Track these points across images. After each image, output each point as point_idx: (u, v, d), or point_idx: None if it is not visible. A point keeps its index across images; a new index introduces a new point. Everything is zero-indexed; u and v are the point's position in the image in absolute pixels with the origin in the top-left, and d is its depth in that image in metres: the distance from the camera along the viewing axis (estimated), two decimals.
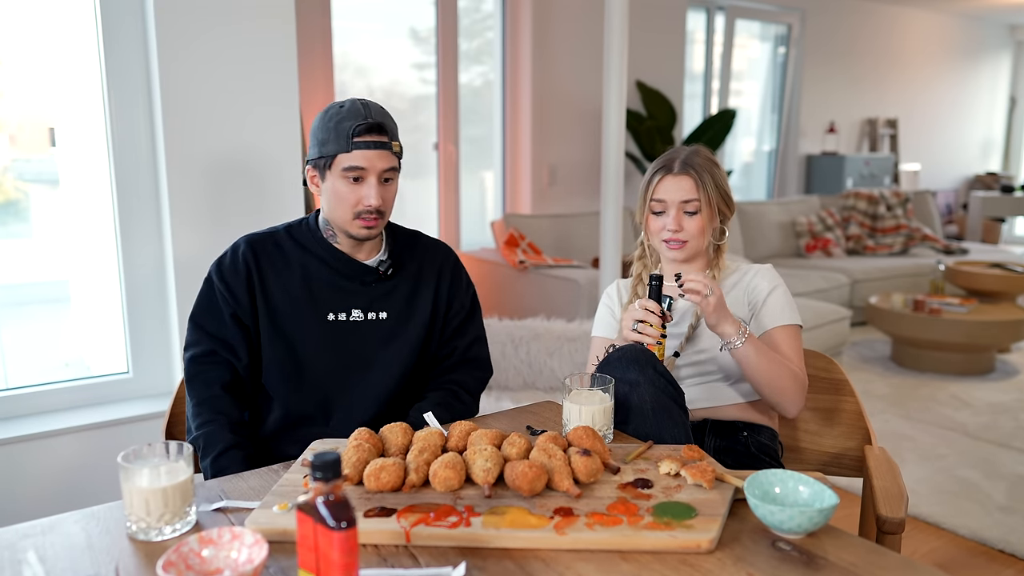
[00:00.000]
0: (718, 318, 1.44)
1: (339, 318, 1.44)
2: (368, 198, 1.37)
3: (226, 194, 2.23)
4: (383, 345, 1.46)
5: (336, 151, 1.36)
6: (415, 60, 4.25)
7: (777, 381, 1.47)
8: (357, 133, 1.34)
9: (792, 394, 1.49)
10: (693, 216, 1.55)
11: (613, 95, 3.01)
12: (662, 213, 1.56)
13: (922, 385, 3.82)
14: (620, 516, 0.98)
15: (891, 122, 6.87)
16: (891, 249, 5.56)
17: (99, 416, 2.19)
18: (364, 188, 1.37)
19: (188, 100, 2.15)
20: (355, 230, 1.40)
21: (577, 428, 1.17)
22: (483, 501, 1.03)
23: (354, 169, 1.36)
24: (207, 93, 2.17)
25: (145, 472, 0.98)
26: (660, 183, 1.56)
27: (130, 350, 2.29)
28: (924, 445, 3.05)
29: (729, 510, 1.02)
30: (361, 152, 1.35)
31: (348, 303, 1.44)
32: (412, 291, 1.50)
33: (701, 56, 5.63)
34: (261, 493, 1.11)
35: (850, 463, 1.63)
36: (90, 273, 2.43)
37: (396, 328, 1.47)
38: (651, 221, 1.58)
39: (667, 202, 1.55)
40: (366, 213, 1.38)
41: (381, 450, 1.15)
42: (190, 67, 2.14)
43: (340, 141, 1.35)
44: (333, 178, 1.38)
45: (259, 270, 1.44)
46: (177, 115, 2.14)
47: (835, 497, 0.98)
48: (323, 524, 0.75)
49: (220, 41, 2.16)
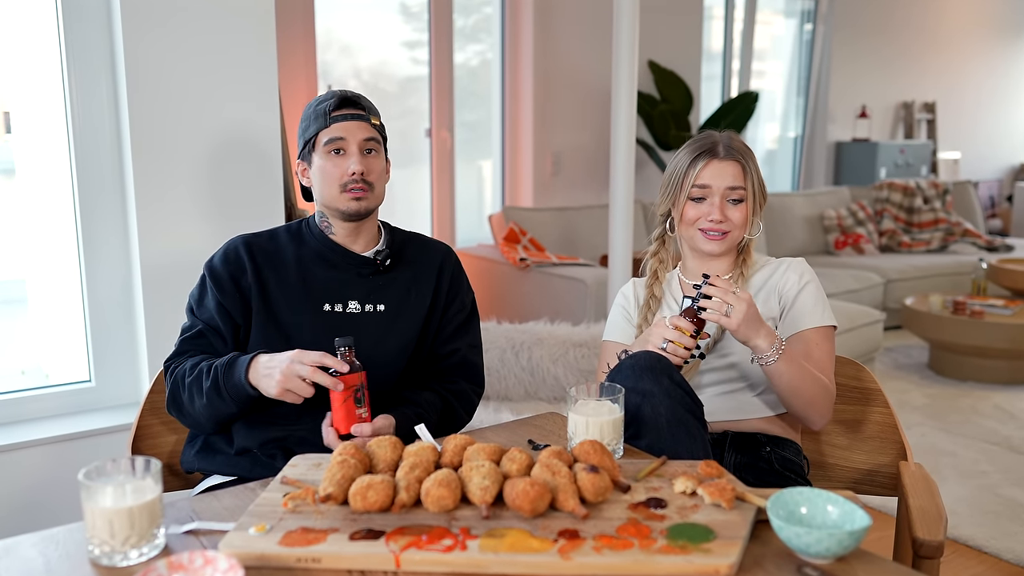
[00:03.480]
0: (747, 331, 1.41)
1: (335, 309, 1.53)
2: (350, 166, 1.48)
3: (198, 185, 2.23)
4: (380, 338, 1.53)
5: (317, 129, 1.51)
6: (406, 38, 4.25)
7: (808, 394, 1.47)
8: (333, 108, 1.51)
9: (821, 407, 1.49)
10: (738, 205, 1.56)
11: (623, 76, 3.01)
12: (702, 200, 1.57)
13: (963, 395, 3.82)
14: (631, 539, 0.98)
15: (928, 106, 6.88)
16: (928, 245, 5.56)
17: (58, 429, 2.19)
18: (346, 159, 1.50)
19: (156, 83, 2.15)
20: (345, 204, 1.50)
21: (584, 442, 1.17)
22: (480, 523, 1.03)
23: (334, 141, 1.49)
24: (177, 75, 2.17)
25: (109, 490, 0.98)
26: (705, 168, 1.56)
27: (93, 357, 2.29)
28: (965, 461, 3.05)
29: (751, 532, 1.02)
30: (339, 124, 1.50)
31: (345, 294, 1.53)
32: (411, 284, 1.58)
33: (720, 33, 5.63)
34: (236, 514, 1.11)
35: (883, 480, 1.63)
36: (49, 272, 2.43)
37: (394, 321, 1.54)
38: (688, 209, 1.58)
39: (711, 188, 1.56)
40: (352, 183, 1.49)
41: (368, 466, 1.15)
42: (159, 47, 2.14)
43: (319, 120, 1.51)
44: (318, 159, 1.51)
45: (253, 262, 1.54)
46: (144, 100, 2.14)
47: (867, 518, 0.98)
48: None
49: (192, 17, 2.16)
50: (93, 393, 2.31)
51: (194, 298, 1.56)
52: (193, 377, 1.46)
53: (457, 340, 1.62)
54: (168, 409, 1.53)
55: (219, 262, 1.55)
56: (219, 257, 1.56)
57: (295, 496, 1.08)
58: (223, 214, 2.25)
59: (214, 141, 2.24)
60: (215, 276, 1.53)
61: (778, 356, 1.43)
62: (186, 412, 1.49)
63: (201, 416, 1.47)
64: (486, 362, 2.91)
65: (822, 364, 1.52)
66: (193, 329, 1.53)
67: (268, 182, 2.33)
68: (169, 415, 1.55)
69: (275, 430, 1.48)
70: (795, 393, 1.47)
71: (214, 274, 1.54)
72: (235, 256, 1.54)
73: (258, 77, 2.28)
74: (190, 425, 1.53)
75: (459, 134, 4.43)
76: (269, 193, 2.33)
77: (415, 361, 1.58)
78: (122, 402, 2.33)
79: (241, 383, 1.40)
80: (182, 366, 1.49)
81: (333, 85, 3.99)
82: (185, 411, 1.49)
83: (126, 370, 2.33)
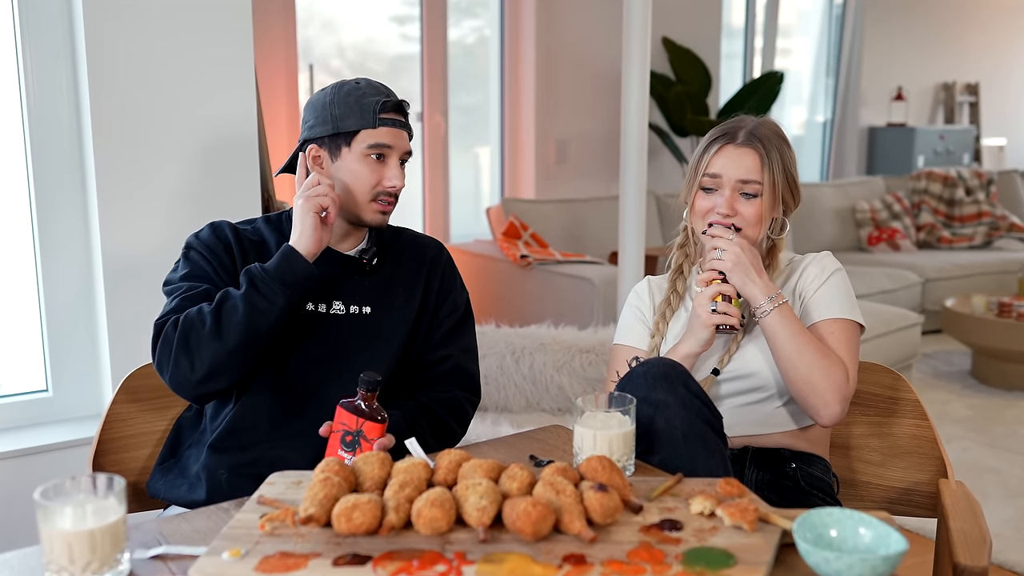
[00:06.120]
0: (741, 276, 1.48)
1: (319, 309, 1.54)
2: (391, 179, 1.50)
3: (167, 174, 2.23)
4: (365, 341, 1.54)
5: (360, 126, 1.49)
6: (394, 12, 4.26)
7: (805, 366, 1.46)
8: (385, 109, 1.50)
9: (822, 387, 1.46)
10: (751, 199, 1.54)
11: (635, 55, 3.01)
12: (713, 191, 1.56)
13: (1008, 406, 3.82)
14: (643, 564, 0.98)
15: (971, 87, 6.88)
16: (971, 241, 5.57)
17: (12, 443, 2.18)
18: (387, 168, 1.51)
19: (120, 60, 2.15)
20: (369, 215, 1.52)
21: (591, 458, 1.17)
22: (477, 546, 1.03)
23: (380, 146, 1.49)
24: (143, 52, 2.17)
25: (68, 511, 0.98)
26: (717, 154, 1.56)
27: (49, 364, 2.29)
28: (1011, 479, 3.05)
29: (775, 557, 1.02)
30: (388, 129, 1.50)
31: (329, 294, 1.55)
32: (399, 286, 1.59)
33: (741, 8, 5.64)
34: (208, 537, 1.11)
35: (921, 500, 1.63)
36: (2, 271, 2.43)
37: (380, 324, 1.56)
38: (698, 200, 1.58)
39: (722, 178, 1.55)
40: (384, 195, 1.51)
41: (353, 484, 1.15)
42: (123, 21, 2.14)
43: (366, 116, 1.49)
44: (352, 156, 1.50)
45: (240, 246, 1.55)
46: (107, 82, 2.14)
47: (903, 542, 0.98)
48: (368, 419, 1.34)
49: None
50: (50, 404, 2.30)
51: (178, 274, 1.53)
52: (216, 303, 1.41)
53: (449, 345, 1.62)
54: (167, 368, 1.43)
55: (207, 234, 1.56)
56: (206, 230, 1.56)
57: (273, 517, 1.08)
58: (195, 207, 2.24)
59: (185, 126, 2.24)
60: (205, 243, 1.54)
61: (773, 308, 1.46)
62: (204, 350, 1.40)
63: (232, 340, 1.39)
64: (484, 370, 2.90)
65: (838, 354, 1.51)
66: (196, 289, 1.48)
67: (244, 171, 2.32)
68: (146, 427, 1.54)
69: (247, 453, 1.48)
70: (792, 362, 1.47)
71: (203, 242, 1.54)
72: (223, 234, 1.55)
73: (233, 56, 2.28)
74: (201, 376, 1.41)
75: (454, 119, 4.43)
76: (245, 183, 2.33)
77: (403, 368, 1.59)
78: (82, 414, 2.32)
79: (287, 252, 1.42)
80: (195, 308, 1.43)
81: (315, 65, 4.00)
82: (203, 349, 1.40)
83: (86, 379, 2.32)
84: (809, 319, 1.55)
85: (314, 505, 1.08)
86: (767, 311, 1.48)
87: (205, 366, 1.41)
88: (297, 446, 1.47)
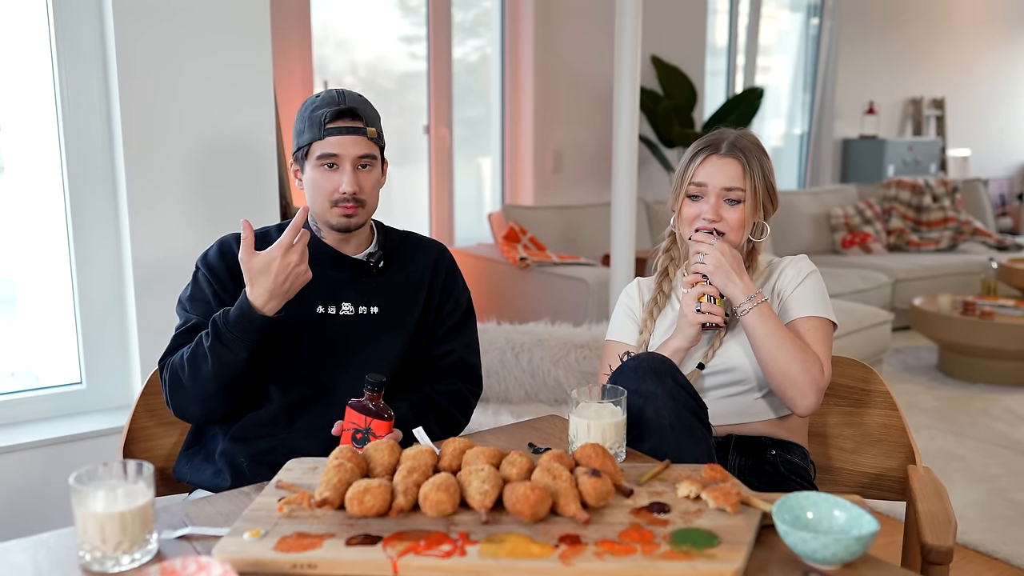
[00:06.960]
0: (722, 278, 1.49)
1: (328, 311, 1.53)
2: (343, 184, 1.47)
3: (192, 184, 2.23)
4: (373, 340, 1.54)
5: (311, 139, 1.49)
6: (403, 32, 4.25)
7: (783, 361, 1.46)
8: (329, 119, 1.47)
9: (799, 381, 1.46)
10: (735, 206, 1.54)
11: (626, 72, 3.01)
12: (699, 199, 1.56)
13: (973, 397, 3.81)
14: (634, 544, 0.98)
15: (938, 102, 6.88)
16: (938, 244, 5.56)
17: (49, 432, 2.18)
18: (339, 175, 1.48)
19: (149, 79, 2.15)
20: (334, 219, 1.50)
21: (585, 446, 1.17)
22: (479, 527, 1.03)
23: (327, 156, 1.48)
24: (170, 71, 2.17)
25: (100, 495, 0.98)
26: (703, 164, 1.56)
27: (84, 358, 2.29)
28: (975, 465, 3.05)
29: (756, 537, 1.02)
30: (334, 139, 1.47)
31: (338, 296, 1.54)
32: (405, 286, 1.59)
33: (724, 28, 5.63)
34: (230, 519, 1.11)
35: (891, 485, 1.63)
36: (39, 272, 2.43)
37: (388, 323, 1.55)
38: (685, 207, 1.58)
39: (707, 187, 1.55)
40: (342, 201, 1.48)
41: (365, 470, 1.15)
42: (151, 42, 2.14)
43: (314, 129, 1.48)
44: (310, 168, 1.50)
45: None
46: (136, 96, 2.14)
47: (875, 523, 0.98)
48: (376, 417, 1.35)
49: (185, 11, 2.16)
50: (84, 395, 2.30)
51: (186, 295, 1.56)
52: (191, 350, 1.44)
53: (452, 340, 1.62)
54: (169, 404, 1.49)
55: (214, 255, 1.55)
56: (214, 250, 1.56)
57: (290, 500, 1.08)
58: (217, 213, 2.25)
59: (208, 139, 2.24)
60: (210, 268, 1.54)
61: (753, 307, 1.47)
62: (191, 393, 1.45)
63: (210, 385, 1.42)
64: (485, 364, 2.91)
65: (813, 349, 1.51)
66: (187, 324, 1.52)
67: (263, 180, 2.32)
68: (171, 416, 1.54)
69: (265, 442, 1.48)
70: (771, 357, 1.47)
71: (209, 266, 1.54)
72: (230, 250, 1.54)
73: (253, 73, 2.28)
74: (198, 413, 1.48)
75: (458, 131, 4.43)
76: (264, 192, 2.33)
77: (409, 362, 1.59)
78: (114, 404, 2.32)
79: (244, 307, 1.38)
80: (178, 355, 1.48)
81: (330, 81, 3.99)
82: (189, 393, 1.45)
83: (118, 372, 2.32)
84: (787, 317, 1.56)
85: (329, 489, 1.08)
86: (747, 310, 1.48)
87: (196, 405, 1.47)
88: (311, 437, 1.47)
